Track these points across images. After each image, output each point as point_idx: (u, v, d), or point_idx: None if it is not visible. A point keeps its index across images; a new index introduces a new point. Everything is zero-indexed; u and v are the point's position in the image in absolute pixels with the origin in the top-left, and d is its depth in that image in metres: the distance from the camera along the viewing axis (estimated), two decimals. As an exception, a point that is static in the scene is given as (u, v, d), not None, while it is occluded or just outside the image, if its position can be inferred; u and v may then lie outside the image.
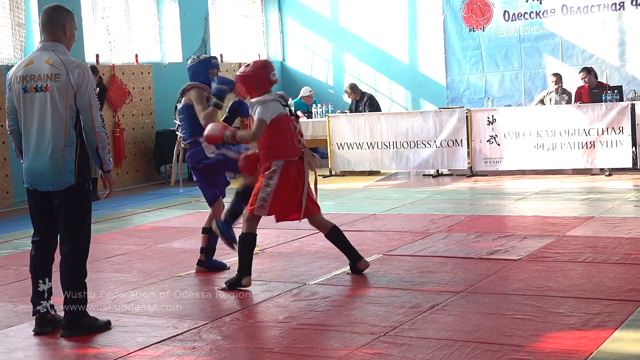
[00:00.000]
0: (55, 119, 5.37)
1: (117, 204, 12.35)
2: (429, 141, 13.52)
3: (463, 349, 4.84)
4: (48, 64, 5.37)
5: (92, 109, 5.37)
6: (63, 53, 5.44)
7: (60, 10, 5.54)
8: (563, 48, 15.15)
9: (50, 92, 5.36)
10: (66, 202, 5.47)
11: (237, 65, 17.41)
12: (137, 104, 15.05)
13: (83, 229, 5.56)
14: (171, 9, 15.98)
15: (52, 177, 5.42)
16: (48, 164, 5.41)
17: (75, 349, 5.34)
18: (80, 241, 5.57)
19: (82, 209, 5.54)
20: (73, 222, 5.52)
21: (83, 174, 5.47)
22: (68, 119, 5.38)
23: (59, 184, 5.43)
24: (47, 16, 5.48)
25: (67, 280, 5.57)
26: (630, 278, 6.31)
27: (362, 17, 17.72)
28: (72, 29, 5.54)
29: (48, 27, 5.47)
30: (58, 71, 5.35)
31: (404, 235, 8.44)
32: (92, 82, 5.42)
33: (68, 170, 5.41)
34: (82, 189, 5.50)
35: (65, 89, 5.34)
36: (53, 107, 5.37)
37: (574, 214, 9.35)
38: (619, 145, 12.40)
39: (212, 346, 5.23)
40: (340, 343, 5.13)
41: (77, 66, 5.39)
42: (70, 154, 5.41)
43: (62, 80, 5.34)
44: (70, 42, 5.54)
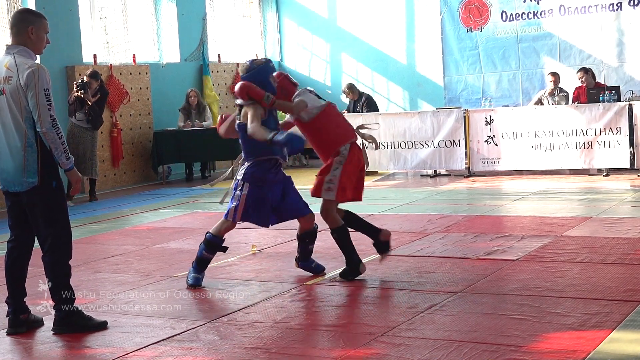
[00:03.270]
0: (13, 120, 5.42)
1: (114, 204, 12.35)
2: (427, 141, 13.53)
3: (461, 349, 4.85)
4: (5, 68, 5.43)
5: (40, 109, 5.33)
6: (22, 56, 5.44)
7: (27, 14, 5.62)
8: (561, 48, 15.16)
9: (6, 95, 5.41)
10: (33, 202, 5.48)
11: (235, 66, 17.43)
12: (135, 104, 15.04)
13: (56, 229, 5.52)
14: (169, 9, 15.97)
15: (16, 178, 5.47)
16: (12, 165, 5.46)
17: (72, 350, 5.34)
18: (55, 242, 5.53)
19: (52, 209, 5.51)
20: (44, 223, 5.51)
21: (47, 173, 5.45)
22: (25, 119, 5.40)
23: (22, 184, 5.46)
24: (13, 20, 5.56)
25: (51, 282, 5.59)
26: (628, 278, 6.32)
27: (359, 18, 17.73)
28: (39, 31, 5.54)
29: (14, 30, 5.54)
30: (11, 74, 5.40)
31: (401, 236, 8.44)
32: (44, 82, 5.35)
33: (31, 170, 5.43)
34: (48, 188, 5.47)
35: (17, 91, 5.38)
36: (10, 109, 5.42)
37: (572, 214, 9.36)
38: (617, 146, 12.41)
39: (210, 346, 5.23)
40: (338, 343, 5.13)
41: (28, 67, 5.37)
42: (32, 155, 5.42)
43: (14, 82, 5.38)
44: (38, 45, 5.54)
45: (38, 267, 7.75)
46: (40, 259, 5.63)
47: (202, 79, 16.53)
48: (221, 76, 17.21)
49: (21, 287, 5.72)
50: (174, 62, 16.05)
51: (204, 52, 16.67)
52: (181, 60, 16.25)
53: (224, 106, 17.11)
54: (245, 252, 8.09)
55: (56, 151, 5.40)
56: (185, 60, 16.30)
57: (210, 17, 17.01)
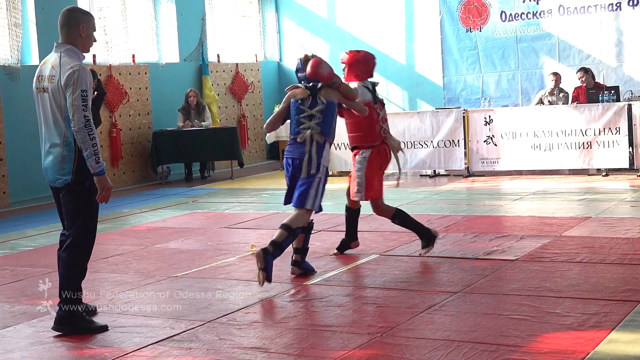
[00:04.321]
0: (53, 118, 5.52)
1: (114, 204, 12.33)
2: (426, 141, 13.53)
3: (460, 349, 4.85)
4: (50, 66, 5.53)
5: (74, 109, 5.38)
6: (68, 56, 5.52)
7: (76, 13, 5.69)
8: (560, 48, 15.16)
9: (49, 93, 5.51)
10: (65, 199, 5.58)
11: (234, 66, 17.42)
12: (134, 104, 15.04)
13: (79, 227, 5.57)
14: (168, 9, 15.97)
15: (53, 174, 5.58)
16: (51, 161, 5.57)
17: (72, 350, 5.34)
18: (76, 241, 5.57)
19: (80, 208, 5.56)
20: (70, 221, 5.59)
21: (82, 173, 5.49)
22: (64, 119, 5.47)
23: (57, 180, 5.57)
24: (63, 18, 5.62)
25: (60, 278, 5.62)
26: (627, 278, 6.32)
27: (359, 18, 17.73)
28: (89, 30, 5.63)
29: (64, 29, 5.61)
30: (54, 73, 5.48)
31: (401, 236, 8.44)
32: (82, 84, 5.40)
33: (66, 168, 5.51)
34: (81, 187, 5.53)
35: (58, 90, 5.46)
36: (51, 107, 5.51)
37: (571, 215, 9.36)
38: (616, 146, 12.41)
39: (209, 347, 5.23)
40: (338, 343, 5.13)
41: (70, 68, 5.44)
42: (69, 153, 5.49)
43: (55, 82, 5.47)
44: (86, 43, 5.63)
45: (38, 267, 7.78)
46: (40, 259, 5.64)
47: (201, 79, 16.53)
48: (220, 76, 17.21)
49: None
50: (173, 62, 16.05)
51: (203, 52, 16.67)
52: (180, 60, 16.25)
53: (223, 106, 17.12)
54: (245, 252, 8.09)
55: (86, 152, 5.41)
56: (184, 60, 16.30)
57: (209, 17, 17.00)
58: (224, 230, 9.63)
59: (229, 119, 17.24)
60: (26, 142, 13.18)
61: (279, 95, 18.36)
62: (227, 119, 17.19)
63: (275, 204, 11.53)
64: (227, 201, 12.07)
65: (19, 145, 13.03)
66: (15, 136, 12.99)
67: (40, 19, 13.38)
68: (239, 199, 12.33)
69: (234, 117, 17.42)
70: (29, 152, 13.21)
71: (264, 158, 18.21)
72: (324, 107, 6.91)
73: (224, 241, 8.93)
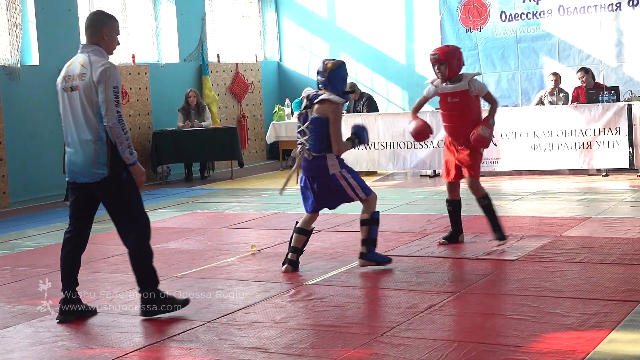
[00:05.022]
0: (84, 115, 5.68)
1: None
2: (426, 141, 13.50)
3: (460, 349, 4.85)
4: (80, 65, 5.74)
5: (108, 104, 5.58)
6: (96, 54, 5.76)
7: (102, 16, 5.98)
8: (560, 48, 15.16)
9: (79, 90, 5.69)
10: (105, 193, 5.76)
11: (234, 66, 17.42)
12: (134, 105, 15.05)
13: (133, 214, 5.81)
14: (168, 10, 15.97)
15: (86, 170, 5.71)
16: (82, 158, 5.71)
17: (71, 350, 5.33)
18: (135, 226, 5.81)
19: (124, 199, 5.78)
20: (119, 210, 5.80)
21: (117, 165, 5.68)
22: (96, 114, 5.65)
23: (92, 175, 5.70)
24: (89, 21, 5.90)
25: (136, 276, 5.87)
26: (627, 278, 6.32)
27: (359, 18, 17.72)
28: (112, 33, 5.88)
29: (89, 31, 5.88)
30: (85, 70, 5.69)
31: (401, 236, 8.44)
32: (114, 80, 5.62)
33: (101, 162, 5.67)
34: (118, 179, 5.71)
35: (89, 87, 5.64)
36: (82, 104, 5.68)
37: (571, 215, 9.36)
38: (616, 146, 12.41)
39: (209, 347, 5.23)
40: (337, 343, 5.13)
41: (101, 65, 5.66)
42: (102, 147, 5.66)
43: (87, 78, 5.66)
44: (110, 45, 5.89)
45: (38, 268, 7.78)
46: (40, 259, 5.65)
47: (201, 79, 16.54)
48: (220, 76, 17.21)
49: (73, 277, 5.93)
50: (173, 62, 16.05)
51: (203, 52, 16.67)
52: (180, 60, 16.25)
53: (223, 106, 17.13)
54: (245, 252, 8.09)
55: (120, 145, 5.62)
56: (184, 61, 16.30)
57: (209, 17, 17.00)
58: (224, 230, 9.64)
59: (229, 119, 17.24)
60: (26, 142, 13.19)
61: (279, 95, 18.38)
62: (227, 119, 17.19)
63: (275, 204, 11.53)
64: (227, 201, 12.07)
65: (19, 145, 13.04)
66: (15, 136, 13.00)
67: (40, 19, 13.39)
68: (239, 199, 12.33)
69: (234, 117, 17.43)
70: (29, 152, 13.23)
71: (264, 158, 18.21)
72: (310, 124, 6.98)
73: (224, 241, 8.93)
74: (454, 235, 8.01)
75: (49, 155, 13.23)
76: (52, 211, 11.87)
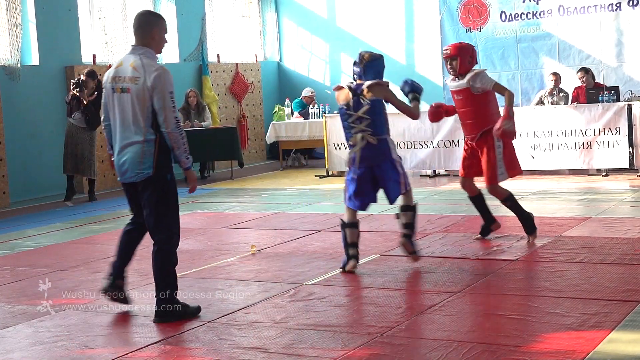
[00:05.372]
0: (134, 118, 5.72)
1: (113, 204, 12.34)
2: (426, 141, 13.53)
3: (460, 350, 4.85)
4: (131, 67, 5.75)
5: (166, 111, 5.65)
6: (147, 57, 5.81)
7: (151, 16, 6.03)
8: (560, 48, 15.16)
9: (131, 93, 5.72)
10: (147, 192, 5.80)
11: (234, 66, 17.42)
12: (134, 105, 15.03)
13: (167, 218, 5.85)
14: (168, 9, 15.97)
15: (133, 170, 5.79)
16: (130, 157, 5.78)
17: (71, 350, 5.33)
18: (166, 237, 5.86)
19: (163, 199, 5.82)
20: (155, 212, 5.82)
21: (162, 167, 5.77)
22: (146, 118, 5.70)
23: (138, 175, 5.78)
24: (138, 22, 5.91)
25: (154, 273, 5.89)
26: (627, 278, 6.32)
27: (358, 18, 17.73)
28: (162, 33, 5.96)
29: (139, 32, 5.88)
30: (138, 74, 5.71)
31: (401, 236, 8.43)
32: (169, 85, 5.70)
33: (147, 163, 5.74)
34: (162, 180, 5.79)
35: (143, 91, 5.68)
36: (133, 107, 5.72)
37: (571, 215, 9.36)
38: (616, 146, 12.41)
39: (209, 347, 5.23)
40: (337, 343, 5.13)
41: (155, 70, 5.71)
42: (149, 149, 5.73)
43: (140, 83, 5.68)
44: (160, 45, 5.97)
45: (38, 268, 7.78)
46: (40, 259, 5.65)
47: (201, 79, 16.54)
48: (220, 76, 17.21)
49: (127, 260, 6.18)
50: (173, 62, 16.04)
51: (203, 52, 16.67)
52: (180, 60, 16.25)
53: (223, 106, 17.13)
54: (245, 252, 8.09)
55: (178, 150, 5.72)
56: (184, 61, 16.30)
57: (209, 17, 17.00)
58: (224, 230, 9.63)
59: (228, 119, 17.24)
60: (26, 142, 13.19)
61: (279, 95, 18.39)
62: (227, 119, 17.19)
63: (275, 204, 11.54)
64: (227, 201, 12.07)
65: (19, 145, 13.04)
66: (15, 136, 13.00)
67: (40, 19, 13.39)
68: (238, 199, 12.33)
69: (234, 117, 17.43)
70: (29, 152, 13.23)
71: (264, 158, 18.21)
72: (369, 108, 6.98)
73: (224, 241, 8.93)
74: (485, 228, 8.12)
75: (49, 155, 13.23)
76: (52, 211, 11.88)
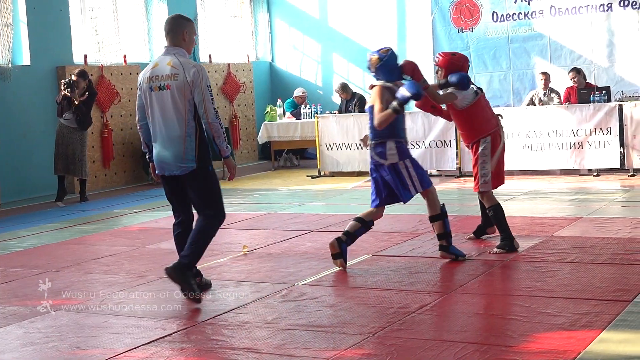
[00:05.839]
0: (176, 112, 6.13)
1: (105, 204, 12.33)
2: (418, 142, 13.54)
3: (451, 349, 4.85)
4: (169, 66, 6.15)
5: (206, 103, 6.07)
6: (182, 55, 6.22)
7: (181, 20, 6.40)
8: (551, 49, 15.19)
9: (171, 89, 6.13)
10: (192, 184, 6.22)
11: (226, 66, 17.41)
12: (126, 105, 15.01)
13: (214, 204, 6.28)
14: (160, 10, 15.94)
15: (176, 163, 6.18)
16: (172, 152, 6.17)
17: (62, 351, 5.32)
18: (213, 213, 6.27)
19: (209, 188, 6.27)
20: (204, 200, 6.26)
21: (204, 159, 6.19)
22: (187, 112, 6.11)
23: (182, 168, 6.18)
24: (169, 25, 6.33)
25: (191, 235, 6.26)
26: (618, 278, 6.34)
27: (351, 18, 17.73)
28: (191, 34, 6.35)
29: (170, 34, 6.30)
30: (177, 71, 6.12)
31: (392, 236, 8.45)
32: (207, 79, 6.13)
33: (189, 156, 6.14)
34: (205, 171, 6.22)
35: (183, 86, 6.09)
36: (174, 102, 6.12)
37: (562, 215, 9.38)
38: (607, 146, 12.44)
39: (201, 347, 5.23)
40: (329, 344, 5.13)
41: (193, 66, 6.14)
42: (191, 143, 6.13)
43: (180, 78, 6.10)
44: (190, 46, 6.34)
45: (29, 268, 7.76)
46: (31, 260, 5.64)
47: (193, 80, 16.48)
48: (212, 76, 17.17)
49: None
50: (165, 62, 16.00)
51: (195, 53, 16.63)
52: (172, 60, 16.21)
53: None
54: (237, 253, 8.09)
55: (218, 139, 6.15)
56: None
57: (201, 17, 16.98)
58: (216, 230, 9.60)
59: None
60: (17, 142, 13.15)
61: (271, 95, 18.38)
62: (219, 119, 17.14)
63: (267, 204, 11.53)
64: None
65: (10, 145, 13.00)
66: (7, 137, 12.96)
67: (32, 20, 13.35)
68: (230, 199, 12.31)
69: (226, 117, 17.40)
70: (21, 153, 13.19)
71: (255, 158, 18.20)
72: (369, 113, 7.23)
73: (216, 242, 8.84)
74: (480, 228, 8.12)
75: (40, 155, 13.20)
76: (43, 212, 11.85)
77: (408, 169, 7.09)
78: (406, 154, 7.15)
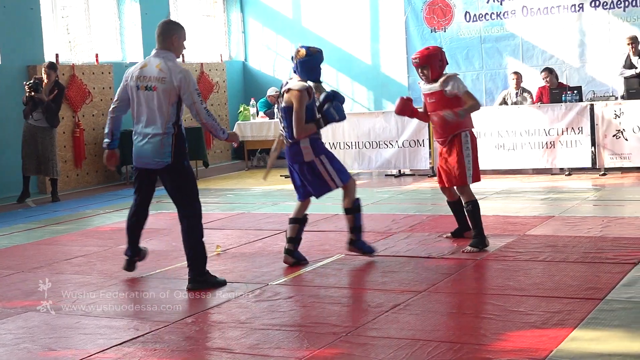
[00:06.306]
0: (159, 113, 6.51)
1: (77, 205, 12.24)
2: (391, 141, 13.57)
3: (425, 348, 4.86)
4: (157, 69, 6.50)
5: (196, 105, 6.47)
6: (171, 60, 6.55)
7: (172, 24, 6.75)
8: (523, 49, 15.28)
9: (157, 91, 6.50)
10: (168, 178, 6.64)
11: (199, 66, 17.35)
12: (98, 104, 14.91)
13: (190, 197, 6.67)
14: (132, 9, 15.87)
15: (153, 158, 6.60)
16: (151, 148, 6.59)
17: (33, 352, 5.27)
18: (190, 209, 6.66)
19: (185, 181, 6.66)
20: (179, 193, 6.66)
21: (179, 155, 6.56)
22: (170, 114, 6.51)
23: (158, 163, 6.59)
24: (161, 28, 6.64)
25: (185, 245, 6.66)
26: (589, 277, 6.38)
27: (324, 18, 17.73)
28: (180, 39, 6.66)
29: (160, 38, 6.61)
30: (164, 75, 6.47)
31: (365, 235, 8.43)
32: (194, 83, 6.50)
33: (166, 152, 6.53)
34: (181, 165, 6.61)
35: (169, 90, 6.46)
36: (159, 104, 6.50)
37: (534, 214, 9.43)
38: (579, 145, 12.53)
39: (174, 347, 5.21)
40: (303, 343, 5.13)
41: (179, 72, 6.48)
42: (168, 140, 6.52)
43: (167, 83, 6.45)
44: (179, 50, 6.67)
45: (8, 269, 7.69)
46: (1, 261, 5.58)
47: (165, 79, 16.41)
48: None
49: (137, 238, 7.06)
50: (138, 61, 15.91)
51: (169, 52, 16.54)
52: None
53: (188, 106, 17.02)
54: (210, 253, 8.03)
55: (215, 132, 6.62)
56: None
57: (174, 16, 16.88)
58: (189, 230, 9.56)
59: (193, 119, 17.10)
60: (-13, 142, 13.03)
61: (244, 95, 18.33)
62: (192, 119, 17.04)
63: (240, 204, 11.50)
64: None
65: (-20, 145, 12.88)
66: (-23, 136, 12.84)
67: (2, 18, 13.19)
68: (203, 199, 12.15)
69: (199, 117, 17.33)
70: (-10, 153, 13.07)
71: (228, 158, 18.14)
72: (281, 113, 7.27)
73: (189, 242, 8.86)
74: (458, 231, 8.11)
75: (9, 155, 13.07)
76: (14, 212, 11.74)
77: (324, 164, 7.19)
78: (321, 149, 7.24)
